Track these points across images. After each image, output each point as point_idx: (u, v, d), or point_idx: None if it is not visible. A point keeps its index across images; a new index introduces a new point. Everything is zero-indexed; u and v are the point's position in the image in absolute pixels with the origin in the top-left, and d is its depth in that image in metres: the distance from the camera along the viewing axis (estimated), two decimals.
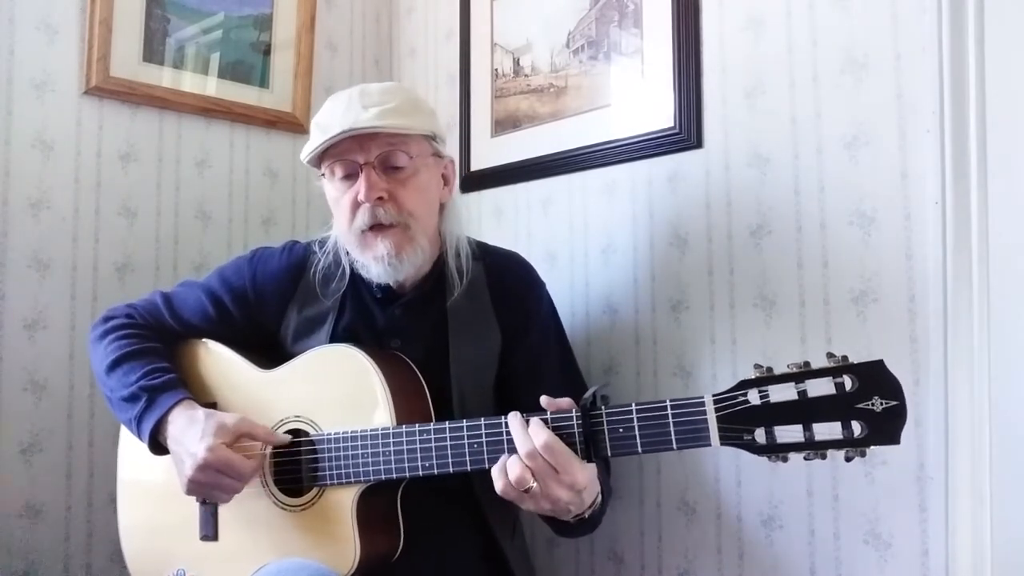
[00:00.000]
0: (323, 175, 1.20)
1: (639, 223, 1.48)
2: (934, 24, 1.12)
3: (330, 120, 1.14)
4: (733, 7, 1.35)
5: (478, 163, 1.78)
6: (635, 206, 1.48)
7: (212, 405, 1.22)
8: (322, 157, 1.17)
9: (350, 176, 1.16)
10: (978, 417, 1.08)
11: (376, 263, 1.15)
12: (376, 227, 1.15)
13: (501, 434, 1.01)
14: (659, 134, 1.43)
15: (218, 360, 1.27)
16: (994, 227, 1.09)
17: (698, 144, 1.39)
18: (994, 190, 1.09)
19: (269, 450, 1.16)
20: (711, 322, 1.36)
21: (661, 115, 1.43)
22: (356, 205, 1.15)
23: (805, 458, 0.88)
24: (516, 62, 1.71)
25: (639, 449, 0.94)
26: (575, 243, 1.58)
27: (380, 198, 1.13)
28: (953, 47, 1.11)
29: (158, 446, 1.16)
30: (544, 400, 0.99)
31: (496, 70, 1.76)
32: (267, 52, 1.82)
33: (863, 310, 1.18)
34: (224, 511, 1.19)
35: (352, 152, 1.14)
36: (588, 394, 0.97)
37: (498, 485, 0.98)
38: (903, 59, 1.16)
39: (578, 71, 1.59)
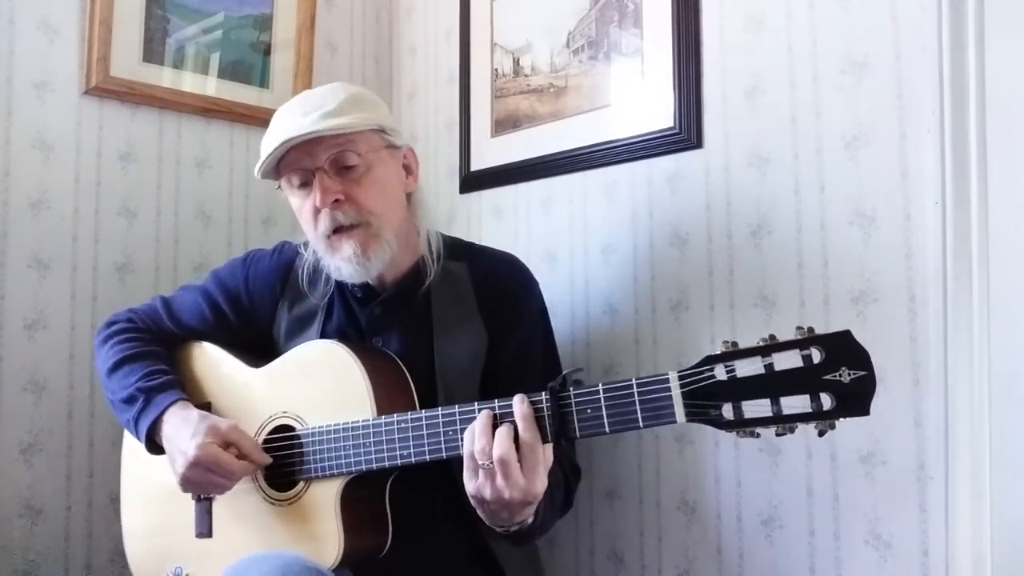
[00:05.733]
0: (280, 187, 1.21)
1: (639, 223, 1.48)
2: (934, 24, 1.12)
3: (274, 132, 1.15)
4: (733, 7, 1.35)
5: (478, 163, 1.78)
6: (635, 206, 1.48)
7: (207, 405, 1.24)
8: (279, 170, 1.18)
9: (306, 184, 1.16)
10: (978, 417, 1.08)
11: (346, 264, 1.16)
12: (339, 230, 1.15)
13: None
14: (659, 134, 1.43)
15: (211, 360, 1.29)
16: (994, 227, 1.09)
17: (698, 144, 1.39)
18: (994, 190, 1.09)
19: (260, 439, 1.18)
20: (711, 322, 1.36)
21: (661, 115, 1.43)
22: (316, 211, 1.15)
23: (776, 433, 0.86)
24: (516, 62, 1.71)
25: (607, 429, 0.93)
26: (575, 243, 1.58)
27: (336, 200, 1.13)
28: (953, 47, 1.11)
29: (155, 446, 1.19)
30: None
31: (496, 70, 1.76)
32: (267, 52, 1.82)
33: (863, 310, 1.18)
34: (218, 508, 1.20)
35: (301, 160, 1.14)
36: (559, 378, 0.97)
37: (469, 487, 0.99)
38: (903, 59, 1.16)
39: (578, 71, 1.59)
